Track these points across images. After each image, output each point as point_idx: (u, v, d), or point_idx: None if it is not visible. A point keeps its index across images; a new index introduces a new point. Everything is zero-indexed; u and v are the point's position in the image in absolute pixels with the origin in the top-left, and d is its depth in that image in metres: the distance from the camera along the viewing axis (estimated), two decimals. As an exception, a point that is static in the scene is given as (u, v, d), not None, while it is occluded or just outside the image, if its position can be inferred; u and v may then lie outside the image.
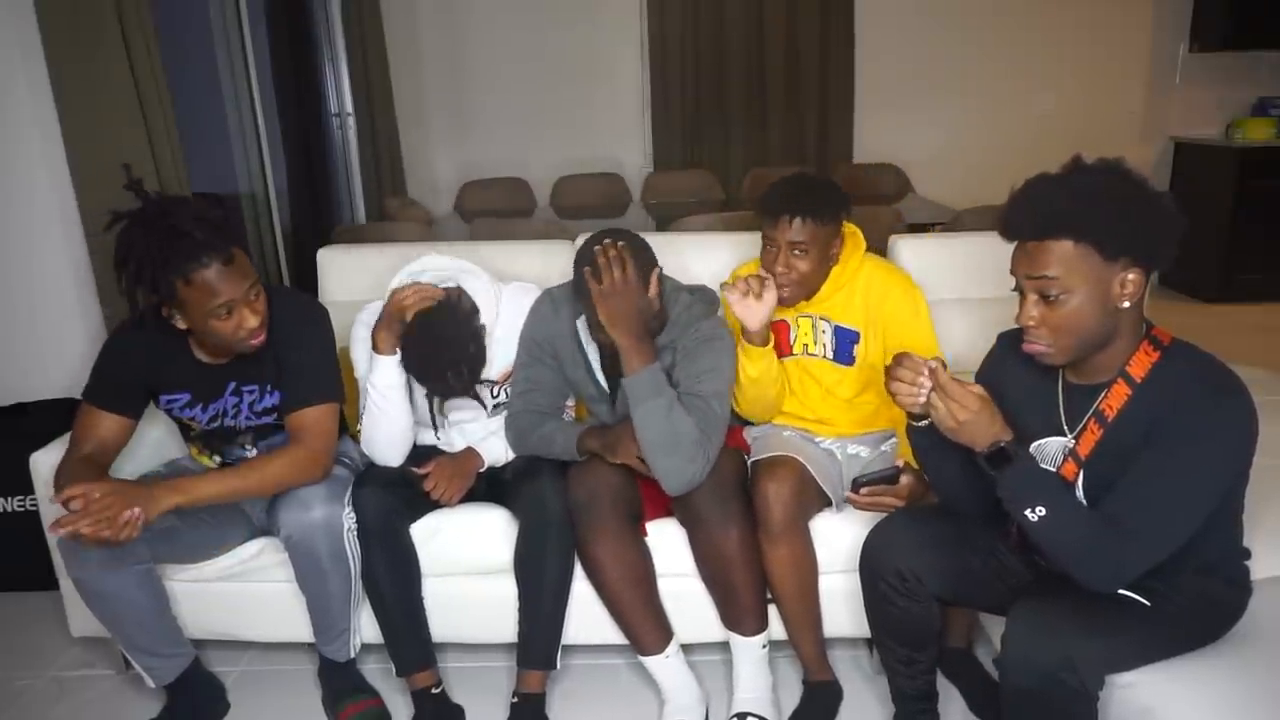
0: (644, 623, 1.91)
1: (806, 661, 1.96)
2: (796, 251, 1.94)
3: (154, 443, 2.14)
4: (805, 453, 1.94)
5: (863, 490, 1.75)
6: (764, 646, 1.93)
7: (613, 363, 1.95)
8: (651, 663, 1.94)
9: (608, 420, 2.03)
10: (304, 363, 1.88)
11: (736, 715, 1.90)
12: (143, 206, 1.72)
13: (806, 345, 2.08)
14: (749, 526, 1.85)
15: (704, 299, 2.02)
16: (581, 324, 2.00)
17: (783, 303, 1.99)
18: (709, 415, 1.83)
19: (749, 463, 1.98)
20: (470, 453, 2.05)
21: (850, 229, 2.06)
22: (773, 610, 1.95)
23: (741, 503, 1.86)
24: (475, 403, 2.05)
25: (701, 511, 1.83)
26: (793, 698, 1.98)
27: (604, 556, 1.86)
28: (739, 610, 1.90)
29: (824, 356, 2.06)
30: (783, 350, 2.09)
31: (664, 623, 1.95)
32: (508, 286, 2.08)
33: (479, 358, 1.92)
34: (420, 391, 2.02)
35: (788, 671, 2.06)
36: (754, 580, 1.87)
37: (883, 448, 2.09)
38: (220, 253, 1.70)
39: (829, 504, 1.94)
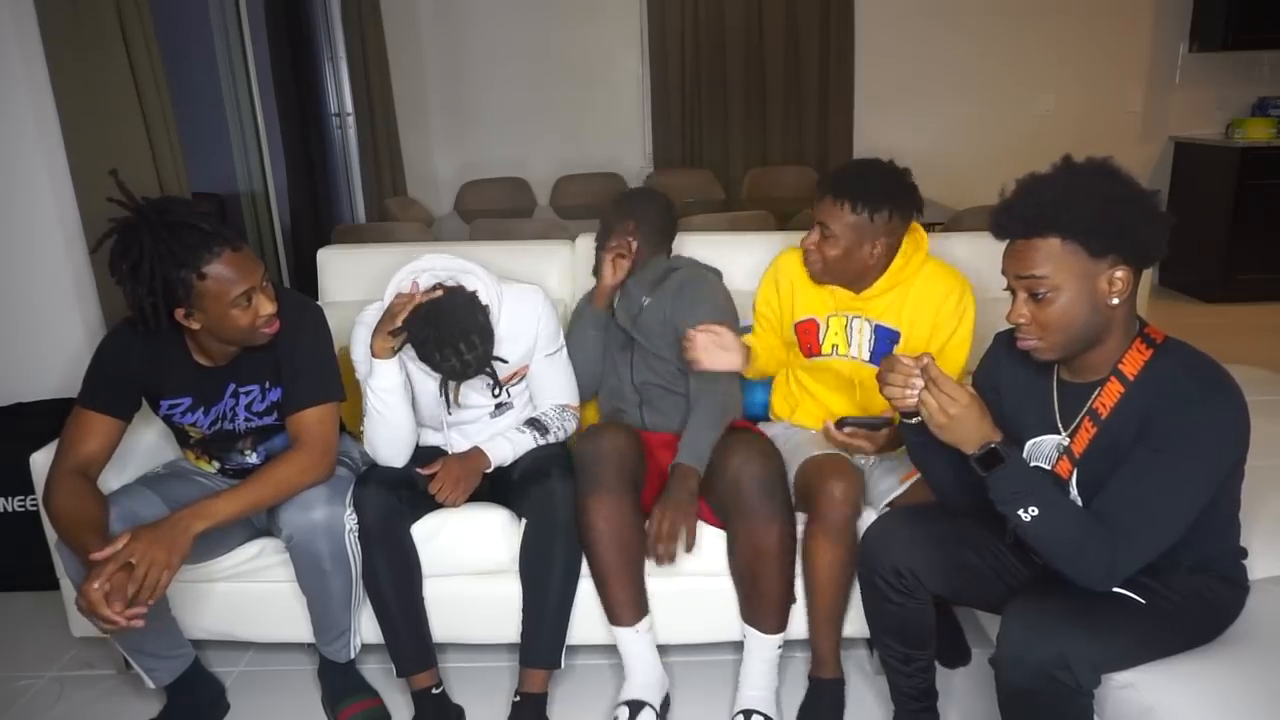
0: (624, 591, 1.91)
1: (822, 658, 1.95)
2: (825, 234, 1.93)
3: (149, 448, 2.12)
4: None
5: (846, 430, 1.72)
6: (779, 648, 1.93)
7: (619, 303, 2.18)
8: (622, 633, 1.94)
9: (626, 392, 2.19)
10: (302, 364, 1.87)
11: (742, 712, 1.90)
12: (137, 210, 1.69)
13: (837, 346, 2.04)
14: (791, 525, 1.86)
15: (686, 269, 2.20)
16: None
17: (812, 278, 2.02)
18: (719, 391, 2.01)
19: (801, 461, 1.96)
20: (477, 452, 2.04)
21: (914, 227, 2.01)
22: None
23: (787, 497, 1.88)
24: (483, 400, 2.05)
25: (749, 503, 1.84)
26: (795, 696, 1.98)
27: (599, 516, 1.87)
28: (765, 607, 1.89)
29: (857, 358, 2.03)
30: (812, 350, 2.07)
31: (643, 597, 1.95)
32: (508, 287, 2.07)
33: (488, 328, 1.89)
34: (425, 390, 2.02)
35: (799, 670, 2.06)
36: (785, 579, 1.87)
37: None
38: (229, 241, 1.69)
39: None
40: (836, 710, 1.94)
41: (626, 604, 1.92)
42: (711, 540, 1.95)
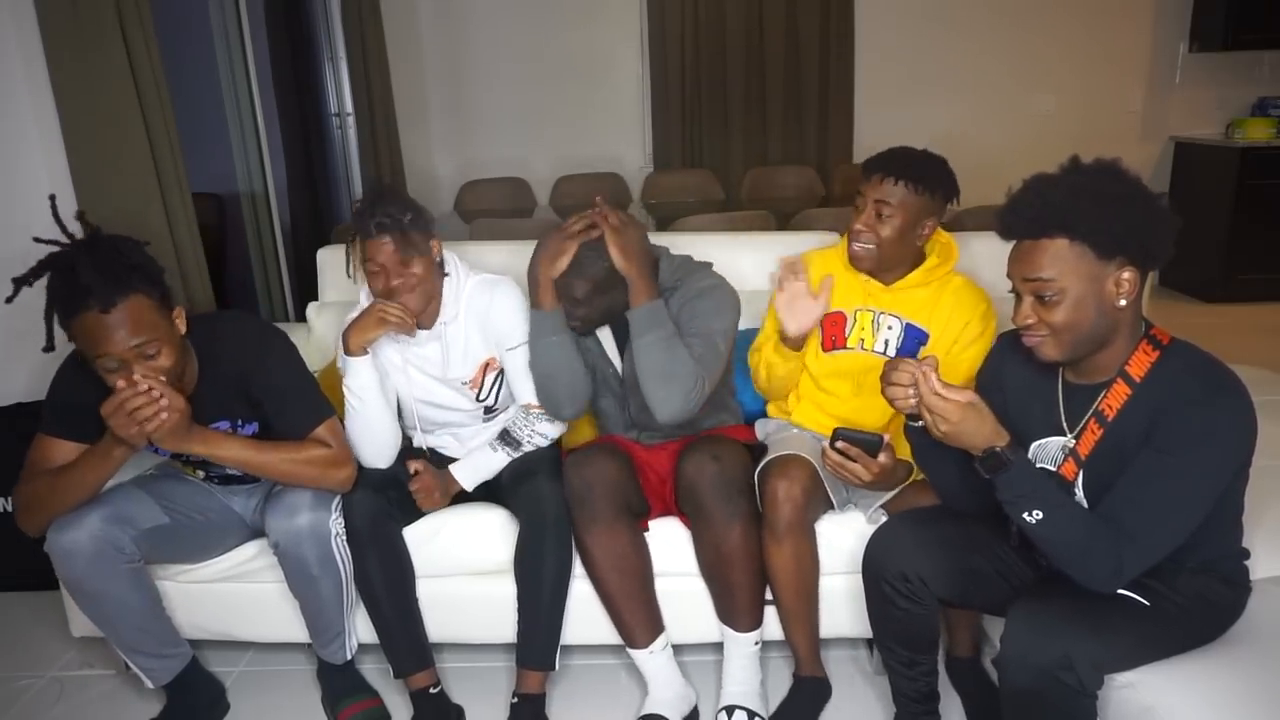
0: (633, 615, 1.92)
1: (799, 656, 1.96)
2: (882, 213, 1.88)
3: (142, 451, 2.10)
4: (815, 454, 1.92)
5: (838, 444, 1.66)
6: (756, 644, 1.93)
7: (623, 333, 1.95)
8: (638, 655, 1.95)
9: (615, 415, 2.06)
10: (287, 395, 1.84)
11: (725, 708, 1.91)
12: (71, 244, 1.67)
13: (863, 340, 1.99)
14: (753, 525, 1.85)
15: (691, 261, 2.04)
16: None
17: (855, 264, 1.95)
18: (710, 349, 1.86)
19: (763, 461, 1.93)
20: (450, 475, 2.03)
21: (947, 238, 1.99)
22: (769, 611, 1.95)
23: (747, 500, 1.86)
24: (465, 403, 2.04)
25: (706, 507, 1.84)
26: (783, 694, 1.98)
27: (597, 547, 1.87)
28: (735, 607, 1.90)
29: (884, 354, 1.96)
30: (836, 342, 2.01)
31: (655, 618, 1.95)
32: (475, 276, 2.04)
33: (419, 211, 1.92)
34: (407, 395, 2.02)
35: (781, 668, 2.05)
36: (752, 580, 1.88)
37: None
38: (99, 301, 1.56)
39: (831, 507, 1.93)
40: (814, 708, 1.95)
41: (638, 627, 1.93)
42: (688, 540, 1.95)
